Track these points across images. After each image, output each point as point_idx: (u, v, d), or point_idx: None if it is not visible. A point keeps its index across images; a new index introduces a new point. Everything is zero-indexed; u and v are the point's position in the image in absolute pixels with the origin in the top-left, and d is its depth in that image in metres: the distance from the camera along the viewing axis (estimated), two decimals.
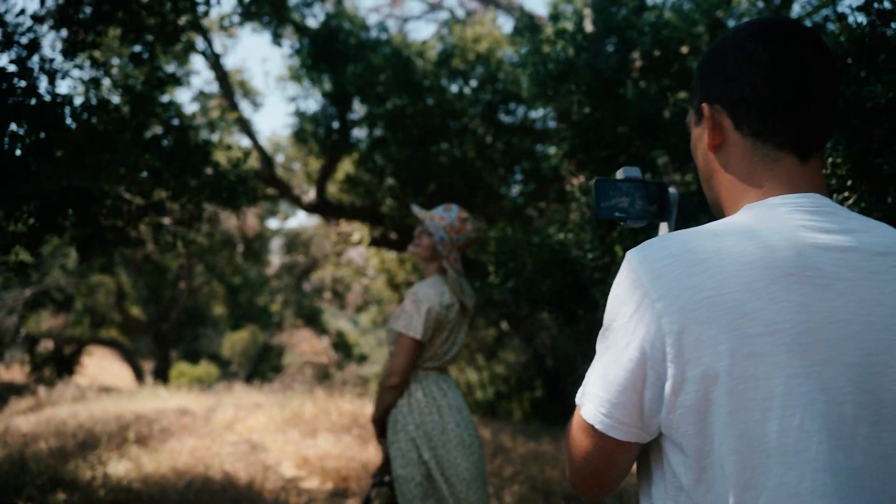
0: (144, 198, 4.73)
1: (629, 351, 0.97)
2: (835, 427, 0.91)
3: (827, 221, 0.99)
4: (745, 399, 0.91)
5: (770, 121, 1.04)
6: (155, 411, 10.01)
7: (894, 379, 0.94)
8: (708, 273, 0.94)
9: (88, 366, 27.05)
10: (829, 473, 0.90)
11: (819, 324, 0.92)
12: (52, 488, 5.13)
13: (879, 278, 0.96)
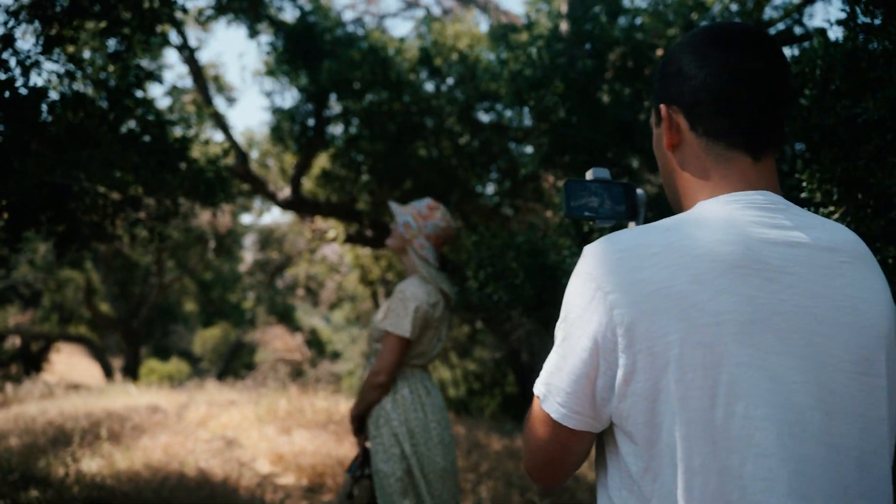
0: (121, 193, 4.69)
1: (582, 342, 1.00)
2: (784, 415, 0.93)
3: (777, 218, 1.02)
4: (692, 387, 0.94)
5: (722, 122, 1.07)
6: (126, 408, 9.91)
7: (843, 370, 0.97)
8: (658, 266, 0.97)
9: (56, 363, 26.64)
10: (776, 459, 0.92)
11: (766, 315, 0.95)
12: (25, 485, 5.08)
13: (826, 273, 0.99)
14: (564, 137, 5.26)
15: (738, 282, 0.95)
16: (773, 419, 0.93)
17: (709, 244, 0.97)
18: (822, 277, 0.99)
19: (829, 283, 0.99)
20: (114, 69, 4.79)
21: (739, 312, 0.95)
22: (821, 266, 0.99)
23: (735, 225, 1.00)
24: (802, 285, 0.98)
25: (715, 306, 0.94)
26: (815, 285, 0.98)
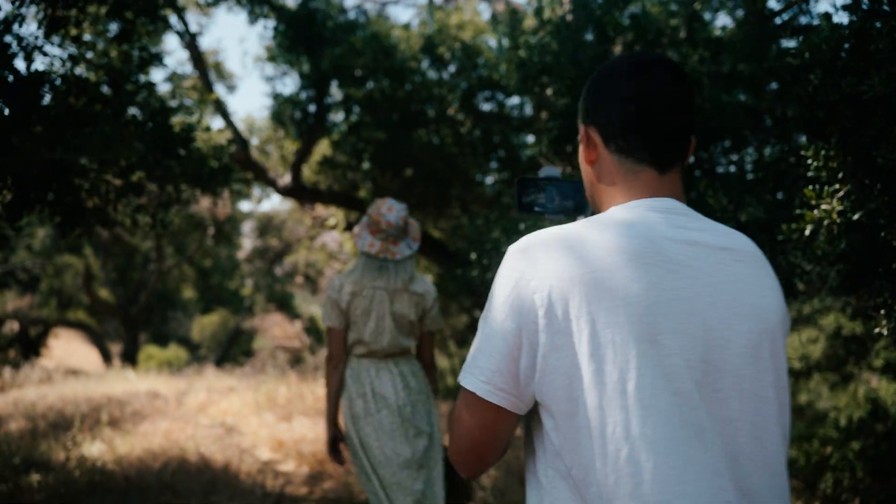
0: (123, 179, 4.68)
1: (507, 324, 1.10)
2: (682, 386, 1.06)
3: (678, 220, 1.17)
4: (605, 362, 1.05)
5: (631, 141, 1.22)
6: (125, 394, 9.92)
7: (734, 352, 1.10)
8: (573, 257, 1.10)
9: (55, 348, 26.66)
10: (678, 426, 1.04)
11: (667, 300, 1.08)
12: (26, 469, 5.09)
13: (722, 269, 1.14)
14: (568, 126, 5.23)
15: (642, 271, 1.08)
16: (673, 391, 1.05)
17: (618, 239, 1.11)
18: (718, 272, 1.13)
19: (725, 278, 1.13)
20: (116, 53, 4.76)
21: (644, 297, 1.07)
22: (717, 262, 1.14)
23: (641, 224, 1.14)
24: (700, 277, 1.12)
25: (623, 292, 1.07)
26: (711, 278, 1.12)
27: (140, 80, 4.90)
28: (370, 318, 3.21)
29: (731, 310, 1.12)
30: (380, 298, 3.21)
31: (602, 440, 1.05)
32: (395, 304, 3.23)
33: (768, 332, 1.14)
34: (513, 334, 1.10)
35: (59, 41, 4.67)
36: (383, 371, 3.24)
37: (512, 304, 1.11)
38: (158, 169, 4.51)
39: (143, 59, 4.72)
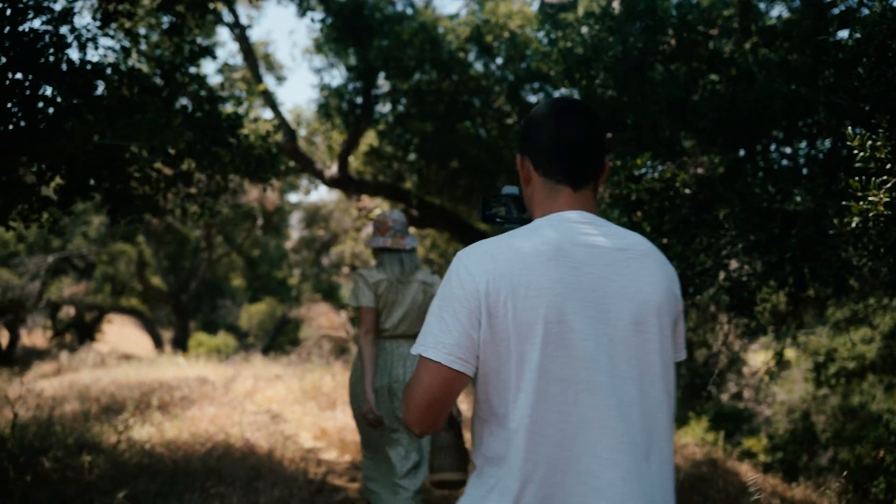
0: (173, 167, 4.77)
1: (464, 310, 1.45)
2: (580, 354, 1.42)
3: (583, 228, 1.52)
4: (521, 336, 1.42)
5: (552, 167, 1.58)
6: (175, 379, 10.13)
7: (622, 327, 1.46)
8: (502, 259, 1.45)
9: (109, 333, 27.38)
10: (571, 382, 1.41)
11: (570, 290, 1.44)
12: (78, 451, 5.23)
13: (616, 265, 1.49)
14: (614, 115, 5.16)
15: (551, 268, 1.44)
16: (572, 357, 1.42)
17: (535, 244, 1.47)
18: (612, 267, 1.49)
19: (617, 271, 1.49)
20: (168, 45, 4.84)
21: (552, 288, 1.43)
22: (613, 260, 1.49)
23: (553, 232, 1.50)
24: (597, 272, 1.47)
25: (536, 284, 1.43)
26: (607, 272, 1.48)
27: (190, 72, 4.99)
28: (394, 309, 3.72)
29: (620, 295, 1.47)
30: (401, 291, 3.74)
31: (522, 395, 1.42)
32: (410, 293, 3.74)
33: (652, 312, 1.49)
34: (467, 316, 1.45)
35: (112, 33, 4.77)
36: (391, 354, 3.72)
37: (464, 296, 1.46)
38: (206, 157, 4.58)
39: (193, 51, 4.79)
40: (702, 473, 5.60)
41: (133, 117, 3.67)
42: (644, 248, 1.54)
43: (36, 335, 25.46)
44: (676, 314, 1.58)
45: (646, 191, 3.86)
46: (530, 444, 1.41)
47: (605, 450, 1.42)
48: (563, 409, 1.42)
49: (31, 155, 3.81)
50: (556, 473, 1.42)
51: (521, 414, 1.42)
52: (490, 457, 1.49)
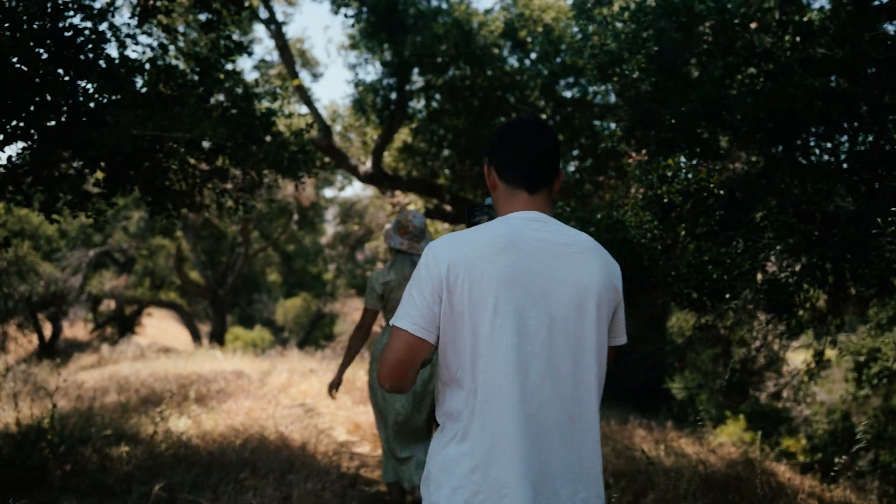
0: (208, 163, 4.82)
1: (429, 288, 1.75)
2: (522, 328, 1.71)
3: (535, 225, 1.81)
4: (475, 312, 1.71)
5: (512, 175, 1.87)
6: (212, 372, 10.27)
7: (562, 308, 1.74)
8: (463, 248, 1.75)
9: (148, 326, 27.85)
10: (516, 353, 1.70)
11: (518, 275, 1.73)
12: (117, 441, 5.33)
13: (561, 257, 1.77)
14: (648, 113, 5.08)
15: (503, 256, 1.73)
16: (516, 330, 1.71)
17: (491, 237, 1.77)
18: (557, 259, 1.77)
19: (563, 262, 1.77)
20: (205, 42, 4.89)
21: (501, 273, 1.72)
22: (558, 253, 1.78)
23: (509, 228, 1.79)
24: (543, 261, 1.76)
25: (489, 270, 1.72)
26: (552, 261, 1.76)
27: (226, 68, 5.03)
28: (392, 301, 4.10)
29: (563, 282, 1.76)
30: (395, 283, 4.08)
31: (470, 359, 1.73)
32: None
33: (590, 298, 1.77)
34: (432, 294, 1.75)
35: (150, 30, 4.84)
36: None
37: (429, 277, 1.75)
38: (240, 152, 4.63)
39: (228, 47, 4.84)
40: (738, 473, 5.51)
41: (171, 110, 3.73)
42: (588, 245, 1.84)
43: (78, 328, 26.01)
44: (616, 303, 1.86)
45: (679, 192, 3.79)
46: (483, 402, 1.73)
47: (544, 414, 1.74)
48: (510, 375, 1.71)
49: (74, 148, 3.89)
50: (502, 425, 1.71)
51: (475, 377, 1.74)
52: (450, 413, 1.80)
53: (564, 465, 1.75)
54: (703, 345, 5.67)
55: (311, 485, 4.38)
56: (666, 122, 4.48)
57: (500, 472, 1.70)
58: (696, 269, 3.45)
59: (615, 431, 7.34)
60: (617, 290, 1.85)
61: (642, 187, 4.09)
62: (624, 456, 5.74)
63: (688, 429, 8.69)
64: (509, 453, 1.70)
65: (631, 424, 7.77)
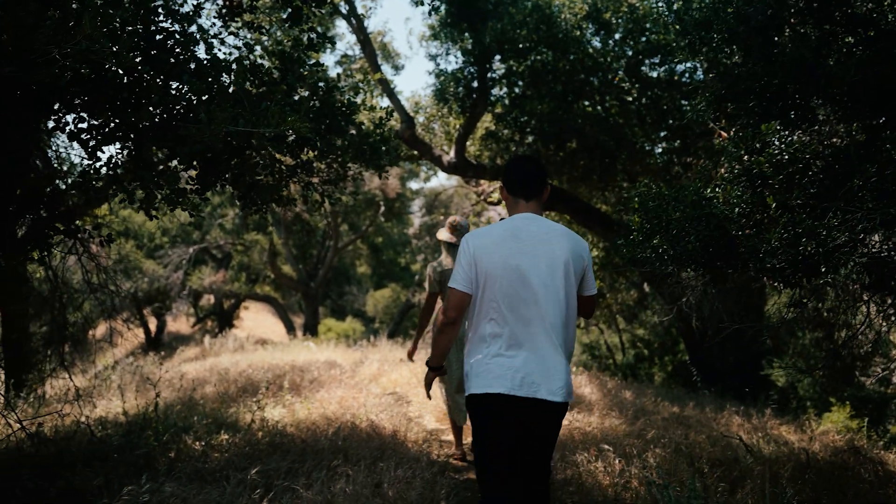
0: (294, 158, 4.93)
1: (465, 261, 3.00)
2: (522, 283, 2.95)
3: (528, 222, 3.03)
4: (491, 274, 2.96)
5: (514, 189, 3.13)
6: (306, 363, 10.54)
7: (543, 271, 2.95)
8: (483, 238, 3.01)
9: (245, 319, 28.83)
10: (517, 296, 2.96)
11: (517, 253, 2.96)
12: (217, 429, 5.53)
13: (543, 242, 2.98)
14: (737, 82, 4.85)
15: (508, 241, 2.98)
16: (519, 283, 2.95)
17: (501, 230, 3.01)
18: (540, 243, 2.98)
19: (543, 244, 2.98)
20: (287, 38, 4.99)
21: (508, 251, 2.96)
22: (541, 239, 2.98)
23: (512, 224, 3.03)
24: (532, 245, 2.97)
25: (499, 250, 2.97)
26: (537, 245, 2.97)
27: (309, 62, 5.13)
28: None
29: (543, 256, 2.95)
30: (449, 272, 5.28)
31: (496, 300, 2.96)
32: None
33: (560, 265, 2.96)
34: (467, 265, 2.98)
35: (235, 29, 4.97)
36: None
37: (465, 255, 2.99)
38: (324, 145, 4.71)
39: (311, 39, 4.92)
40: (842, 462, 5.26)
41: (259, 107, 3.84)
42: (560, 232, 3.05)
43: (180, 322, 27.19)
44: (584, 267, 3.09)
45: (770, 164, 3.61)
46: (507, 326, 2.98)
47: (538, 332, 2.98)
48: (518, 313, 2.97)
49: (168, 147, 4.05)
50: (517, 338, 2.98)
51: (501, 312, 2.98)
52: (487, 335, 3.02)
53: (554, 359, 2.99)
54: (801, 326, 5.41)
55: (402, 472, 4.43)
56: (756, 91, 4.28)
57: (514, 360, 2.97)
58: (788, 243, 3.29)
59: (710, 418, 7.12)
60: (582, 258, 3.08)
61: (731, 162, 3.93)
62: (720, 444, 5.56)
63: (788, 416, 8.35)
64: (524, 351, 2.97)
65: (727, 411, 7.53)
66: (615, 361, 20.76)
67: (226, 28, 5.01)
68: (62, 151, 5.06)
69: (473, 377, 2.98)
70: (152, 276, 20.99)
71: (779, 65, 4.26)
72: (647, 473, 4.47)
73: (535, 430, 2.97)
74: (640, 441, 5.61)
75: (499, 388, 2.88)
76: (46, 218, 4.87)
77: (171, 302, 22.36)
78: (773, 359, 11.02)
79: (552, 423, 2.99)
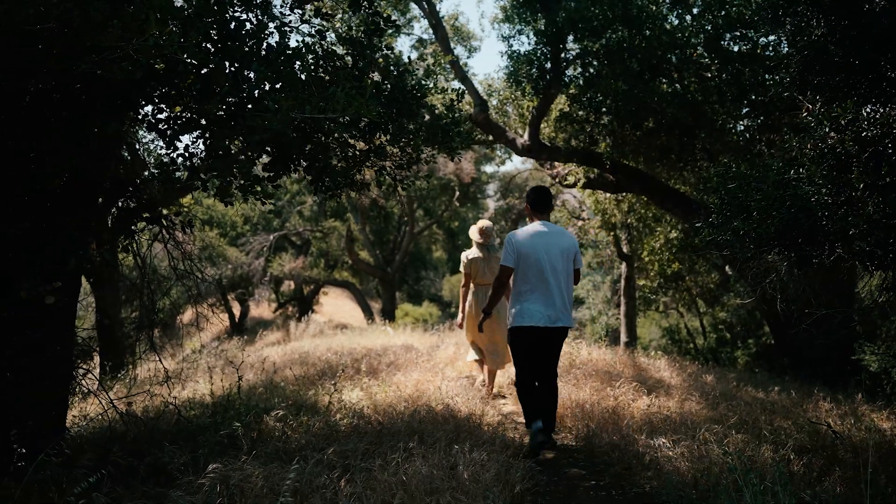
0: (366, 142, 4.97)
1: (511, 249, 5.39)
2: (545, 262, 5.30)
3: (543, 227, 5.43)
4: (525, 259, 5.35)
5: (536, 207, 5.54)
6: (383, 347, 10.67)
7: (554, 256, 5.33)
8: (520, 236, 5.41)
9: (325, 304, 29.43)
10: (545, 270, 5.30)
11: (540, 244, 5.34)
12: (297, 411, 5.67)
13: (552, 238, 5.38)
14: (823, 54, 4.62)
15: (533, 238, 5.36)
16: (544, 263, 5.29)
17: (531, 231, 5.42)
18: (553, 238, 5.38)
19: (554, 240, 5.37)
20: (358, 23, 5.02)
21: (534, 245, 5.33)
22: (552, 237, 5.38)
23: (534, 228, 5.44)
24: (547, 240, 5.35)
25: (528, 242, 5.35)
26: (550, 239, 5.36)
27: (380, 46, 5.15)
28: (484, 271, 7.26)
29: (553, 246, 5.33)
30: (484, 260, 7.25)
31: (524, 278, 5.34)
32: (491, 264, 7.20)
33: (563, 252, 5.35)
34: (512, 251, 5.36)
35: (308, 17, 5.03)
36: (483, 293, 7.22)
37: (510, 245, 5.39)
38: (396, 128, 4.73)
39: (378, 24, 4.93)
40: None
41: (328, 91, 3.87)
42: (562, 231, 5.49)
43: (263, 307, 27.96)
44: (574, 252, 5.42)
45: (855, 140, 3.42)
46: (533, 289, 5.28)
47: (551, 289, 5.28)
48: (540, 279, 5.26)
49: (241, 135, 4.14)
50: (540, 294, 5.27)
51: (531, 280, 5.29)
52: (521, 292, 5.32)
53: (560, 304, 5.25)
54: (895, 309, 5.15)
55: (477, 454, 4.43)
56: (842, 63, 4.06)
57: (537, 311, 5.24)
58: (878, 225, 3.11)
59: (796, 404, 6.88)
60: (574, 247, 5.40)
61: (816, 140, 3.74)
62: (807, 430, 5.36)
63: (881, 402, 7.99)
64: (539, 307, 5.23)
65: (815, 397, 7.25)
66: (696, 345, 20.28)
67: (298, 16, 5.08)
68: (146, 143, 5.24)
69: (517, 317, 5.33)
70: (235, 263, 21.64)
71: (868, 35, 4.03)
72: (729, 460, 4.35)
73: (552, 342, 5.37)
74: (721, 426, 5.47)
75: (531, 322, 5.25)
76: (133, 207, 5.06)
77: (253, 288, 23.02)
78: (865, 343, 10.56)
79: (561, 338, 5.41)
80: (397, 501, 3.76)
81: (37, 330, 4.30)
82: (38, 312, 4.26)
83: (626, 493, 4.41)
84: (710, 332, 20.32)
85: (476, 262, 7.20)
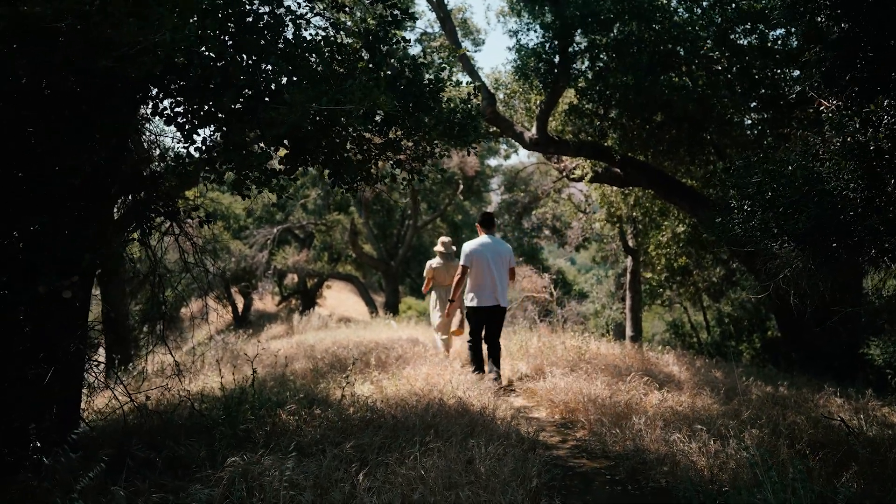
0: (381, 135, 4.95)
1: (465, 254, 7.97)
2: (491, 265, 7.89)
3: (490, 239, 8.08)
4: (478, 263, 7.92)
5: (484, 225, 8.23)
6: (389, 341, 10.67)
7: (498, 261, 7.95)
8: (473, 245, 8.02)
9: (328, 298, 29.41)
10: (489, 271, 7.88)
11: (488, 252, 7.94)
12: (309, 405, 5.66)
13: (496, 247, 8.03)
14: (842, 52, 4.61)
15: (482, 247, 7.97)
16: (489, 266, 7.89)
17: (480, 242, 8.04)
18: (497, 246, 8.04)
19: (499, 247, 8.05)
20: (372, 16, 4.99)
21: (483, 251, 7.95)
22: (496, 245, 8.04)
23: (483, 240, 8.07)
24: (493, 247, 7.99)
25: (480, 249, 7.96)
26: (496, 247, 8.02)
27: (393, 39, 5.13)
28: (444, 275, 9.53)
29: (496, 252, 7.96)
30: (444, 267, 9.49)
31: (480, 275, 7.89)
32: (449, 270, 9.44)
33: (502, 256, 7.98)
34: (467, 256, 7.93)
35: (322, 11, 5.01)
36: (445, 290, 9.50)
37: (466, 251, 7.97)
38: (409, 120, 4.71)
39: (394, 17, 4.91)
40: None
41: (344, 84, 3.86)
42: (500, 241, 8.18)
43: (266, 300, 27.96)
44: (510, 256, 8.10)
45: (887, 137, 3.40)
46: (479, 285, 7.87)
47: (495, 282, 7.85)
48: (487, 275, 7.84)
49: (258, 128, 4.12)
50: (487, 286, 7.86)
51: (479, 279, 7.86)
52: (475, 286, 7.87)
53: (500, 291, 7.86)
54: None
55: (493, 448, 4.43)
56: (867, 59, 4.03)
57: (485, 295, 7.84)
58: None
59: (807, 398, 6.87)
60: (510, 252, 8.12)
61: (841, 136, 3.72)
62: (821, 425, 5.35)
63: (890, 397, 7.98)
64: (487, 293, 7.84)
65: (826, 393, 7.25)
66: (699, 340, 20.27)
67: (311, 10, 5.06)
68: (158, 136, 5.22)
69: (473, 300, 7.80)
70: (239, 256, 21.64)
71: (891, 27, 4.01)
72: (746, 454, 4.35)
73: (496, 316, 7.83)
74: (735, 421, 5.46)
75: (483, 304, 7.76)
76: (145, 200, 5.04)
77: (256, 281, 23.02)
78: (871, 338, 10.56)
79: (502, 313, 7.86)
80: (417, 496, 3.76)
81: (52, 324, 4.30)
82: (55, 307, 4.25)
83: (643, 488, 4.41)
84: (713, 327, 20.32)
85: (439, 269, 9.52)
